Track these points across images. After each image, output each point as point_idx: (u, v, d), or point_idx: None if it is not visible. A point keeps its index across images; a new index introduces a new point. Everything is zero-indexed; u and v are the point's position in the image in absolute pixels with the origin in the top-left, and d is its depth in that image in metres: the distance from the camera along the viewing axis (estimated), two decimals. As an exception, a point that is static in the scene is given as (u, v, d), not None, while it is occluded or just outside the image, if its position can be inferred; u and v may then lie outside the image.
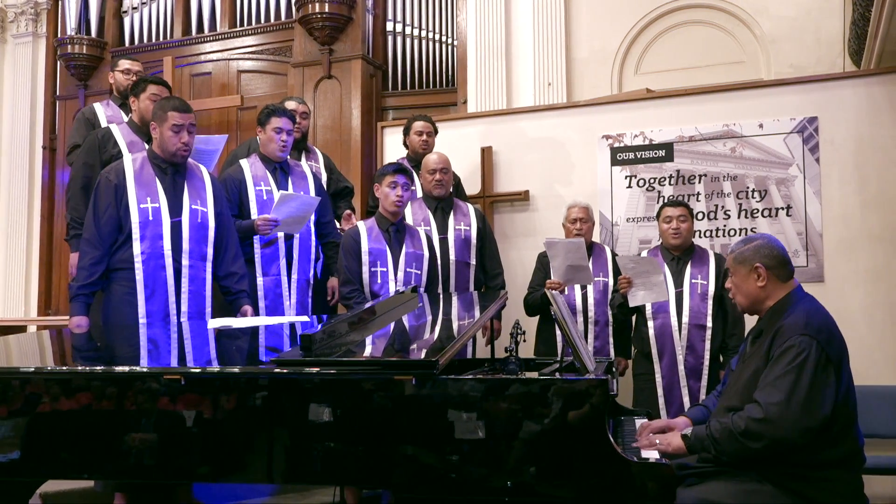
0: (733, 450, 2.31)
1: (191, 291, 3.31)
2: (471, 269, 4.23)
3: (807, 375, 2.28)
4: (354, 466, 2.02)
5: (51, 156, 8.10)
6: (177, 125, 3.28)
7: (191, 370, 2.21)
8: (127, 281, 3.24)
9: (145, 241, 3.25)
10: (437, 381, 2.01)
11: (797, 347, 2.32)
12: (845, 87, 4.43)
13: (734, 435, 2.30)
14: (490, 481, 1.98)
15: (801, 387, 2.27)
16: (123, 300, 3.24)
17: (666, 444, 2.42)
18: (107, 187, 3.28)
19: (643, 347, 3.98)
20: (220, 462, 2.10)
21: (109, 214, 3.25)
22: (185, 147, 3.32)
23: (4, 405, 2.16)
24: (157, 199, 3.29)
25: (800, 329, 2.35)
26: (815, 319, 2.39)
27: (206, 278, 3.37)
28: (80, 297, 3.23)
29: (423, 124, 4.57)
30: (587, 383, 2.03)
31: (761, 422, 2.27)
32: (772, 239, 2.58)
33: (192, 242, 3.33)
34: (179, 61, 7.32)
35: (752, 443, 2.28)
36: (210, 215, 3.40)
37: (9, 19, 8.36)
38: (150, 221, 3.27)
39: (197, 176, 3.46)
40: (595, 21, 6.20)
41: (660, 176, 4.72)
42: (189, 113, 3.34)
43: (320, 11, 6.53)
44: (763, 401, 2.30)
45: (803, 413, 2.26)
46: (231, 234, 3.50)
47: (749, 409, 2.34)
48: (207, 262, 3.38)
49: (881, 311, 4.23)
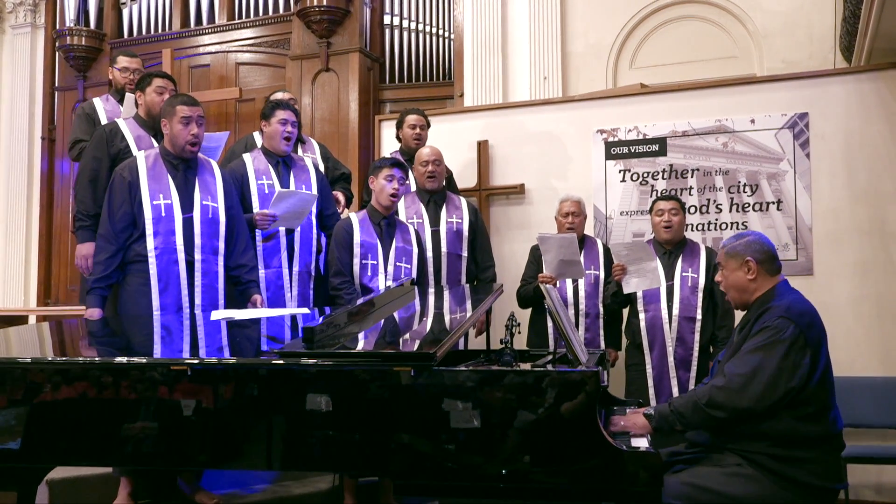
0: (698, 420, 2.46)
1: (203, 285, 3.40)
2: (462, 262, 4.28)
3: (776, 355, 2.41)
4: (355, 454, 2.09)
5: (50, 146, 8.13)
6: (185, 117, 3.37)
7: (199, 360, 2.27)
8: (142, 273, 3.34)
9: (158, 237, 3.34)
10: (434, 372, 2.07)
11: (773, 328, 2.45)
12: (835, 83, 4.50)
13: (699, 406, 2.44)
14: (485, 469, 2.05)
15: (768, 365, 2.40)
16: (139, 291, 3.34)
17: (632, 423, 2.55)
18: (121, 184, 3.36)
19: (635, 339, 4.06)
20: (227, 449, 2.17)
21: (124, 211, 3.34)
22: (195, 138, 3.40)
23: (6, 394, 2.22)
24: (169, 196, 3.38)
25: (780, 312, 2.48)
26: (797, 307, 2.51)
27: (218, 272, 3.46)
28: (97, 291, 3.33)
29: (415, 118, 4.62)
30: (580, 374, 2.09)
31: (723, 390, 2.42)
32: (762, 236, 2.72)
33: (203, 237, 3.41)
34: (178, 53, 7.36)
35: (714, 411, 2.43)
36: (221, 210, 3.49)
37: (7, 10, 8.38)
38: (163, 218, 3.35)
39: (208, 171, 3.54)
40: (590, 15, 6.26)
41: (653, 170, 4.80)
42: (197, 106, 3.43)
43: (318, 5, 6.59)
44: (729, 371, 2.45)
45: (766, 388, 2.39)
46: (241, 227, 3.58)
47: (715, 380, 2.50)
48: (219, 255, 3.46)
49: (868, 303, 4.31)
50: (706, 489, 2.40)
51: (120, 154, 3.67)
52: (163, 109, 3.47)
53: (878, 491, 4.23)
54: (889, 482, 4.22)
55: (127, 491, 3.28)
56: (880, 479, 4.23)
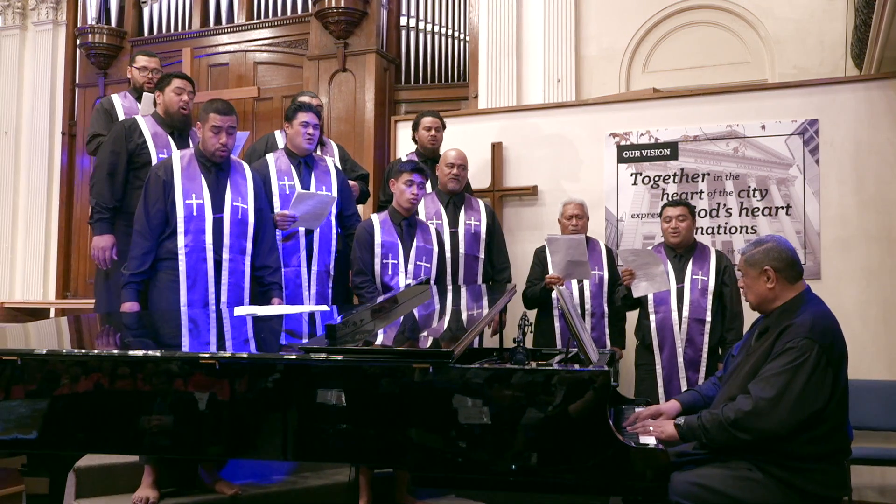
0: (723, 439, 2.46)
1: (230, 283, 3.52)
2: (479, 263, 4.40)
3: (801, 378, 2.40)
4: (374, 446, 2.19)
5: (70, 141, 8.26)
6: (216, 126, 3.49)
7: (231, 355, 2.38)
8: (172, 270, 3.46)
9: (189, 235, 3.46)
10: (451, 369, 2.17)
11: (798, 349, 2.43)
12: (845, 91, 4.57)
13: (724, 426, 2.44)
14: (497, 464, 2.15)
15: (794, 388, 2.40)
16: (169, 287, 3.46)
17: (659, 431, 2.56)
18: (156, 182, 3.49)
19: (645, 339, 4.15)
20: (250, 438, 2.29)
21: (158, 208, 3.46)
22: (223, 148, 3.52)
23: (27, 385, 2.35)
24: (201, 196, 3.49)
25: (804, 332, 2.45)
26: (820, 323, 2.49)
27: (244, 271, 3.57)
28: (132, 285, 3.46)
29: (431, 120, 4.72)
30: (590, 373, 2.18)
31: (750, 414, 2.42)
32: (781, 241, 2.66)
33: (232, 237, 3.53)
34: (197, 52, 7.47)
35: (740, 434, 2.43)
36: (250, 212, 3.60)
37: (30, 7, 8.51)
38: (194, 217, 3.47)
39: (239, 173, 3.65)
40: (604, 19, 6.33)
41: (664, 174, 4.88)
42: (229, 115, 3.53)
43: (336, 6, 6.68)
44: (755, 394, 2.44)
45: (791, 412, 2.39)
46: (268, 229, 3.69)
47: (740, 400, 2.47)
48: (246, 255, 3.58)
49: (875, 308, 4.39)
50: (713, 490, 2.41)
51: (137, 150, 3.83)
52: (199, 112, 3.59)
53: (881, 492, 4.30)
54: (893, 484, 4.29)
55: (151, 479, 3.39)
56: (884, 480, 4.30)
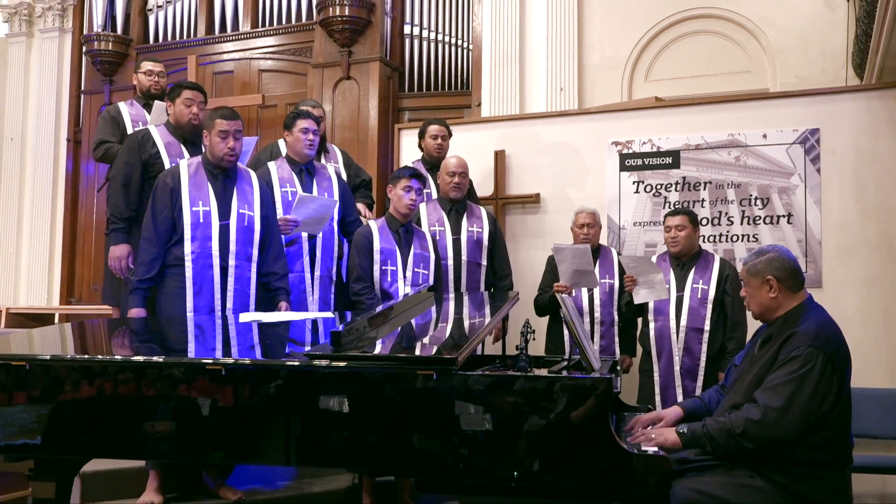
0: (730, 447, 2.45)
1: (236, 289, 3.54)
2: (482, 270, 4.42)
3: (808, 386, 2.41)
4: (377, 453, 2.21)
5: (75, 148, 8.32)
6: (223, 131, 3.52)
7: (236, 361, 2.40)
8: (178, 276, 3.49)
9: (195, 242, 3.49)
10: (454, 376, 2.19)
11: (804, 358, 2.44)
12: (846, 100, 4.60)
13: (732, 434, 2.44)
14: (499, 470, 2.16)
15: (802, 397, 2.40)
16: (176, 294, 3.48)
17: (662, 438, 2.53)
18: (163, 190, 3.52)
19: (646, 346, 4.18)
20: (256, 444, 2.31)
21: (165, 215, 3.49)
22: (232, 152, 3.55)
23: (34, 390, 2.37)
24: (207, 203, 3.52)
25: (809, 339, 2.46)
26: (824, 331, 2.50)
27: (250, 277, 3.59)
28: (139, 291, 3.48)
29: (437, 128, 4.76)
30: (592, 381, 2.20)
31: (758, 424, 2.42)
32: (784, 251, 2.68)
33: (238, 244, 3.55)
34: (202, 59, 7.52)
35: (747, 443, 2.43)
36: (256, 219, 3.62)
37: (36, 14, 8.58)
38: (201, 223, 3.50)
39: (246, 181, 3.68)
40: (607, 28, 6.37)
41: (666, 182, 4.91)
42: (235, 120, 3.57)
43: (340, 14, 6.73)
44: (763, 403, 2.43)
45: (798, 420, 2.40)
46: (275, 235, 3.71)
47: (747, 409, 2.47)
48: (252, 262, 3.60)
49: (876, 316, 4.40)
50: (715, 497, 2.41)
51: (150, 159, 3.86)
52: (204, 121, 3.63)
53: (882, 501, 4.31)
54: (893, 492, 4.30)
55: (156, 484, 3.42)
56: (885, 488, 4.31)
